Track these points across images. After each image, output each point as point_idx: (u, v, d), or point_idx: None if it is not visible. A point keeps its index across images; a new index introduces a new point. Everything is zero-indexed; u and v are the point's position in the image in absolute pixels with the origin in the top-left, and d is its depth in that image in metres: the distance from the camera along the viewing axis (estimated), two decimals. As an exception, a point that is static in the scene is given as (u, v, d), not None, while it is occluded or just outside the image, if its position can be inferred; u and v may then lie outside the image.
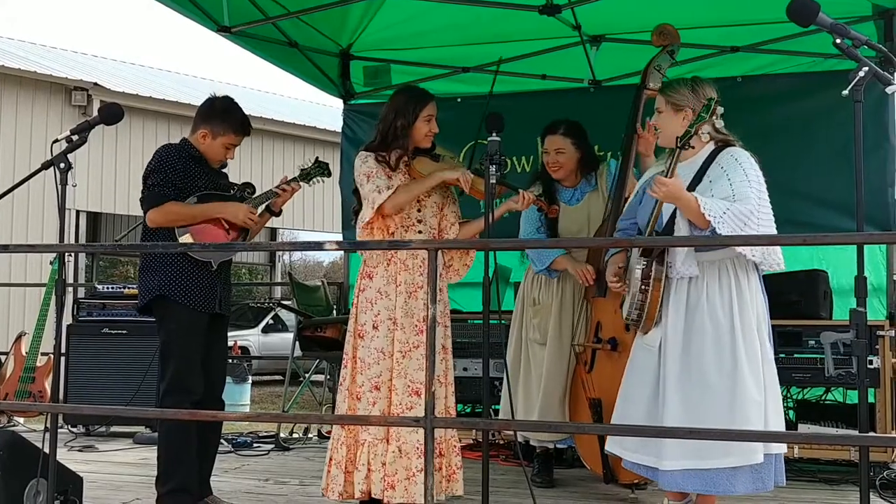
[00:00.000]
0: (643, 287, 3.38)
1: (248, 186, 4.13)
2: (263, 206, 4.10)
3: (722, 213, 3.20)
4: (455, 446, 3.93)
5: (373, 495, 3.74)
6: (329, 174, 4.20)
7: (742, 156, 3.41)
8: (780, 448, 3.41)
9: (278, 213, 4.16)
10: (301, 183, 4.11)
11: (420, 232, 3.93)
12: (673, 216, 3.36)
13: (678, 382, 3.35)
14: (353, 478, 3.77)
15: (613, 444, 3.61)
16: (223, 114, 4.01)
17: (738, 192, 3.29)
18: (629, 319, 3.50)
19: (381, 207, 3.80)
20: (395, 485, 3.70)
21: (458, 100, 6.31)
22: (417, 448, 3.71)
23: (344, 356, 3.91)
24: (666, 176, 3.25)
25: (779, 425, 3.41)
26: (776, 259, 3.41)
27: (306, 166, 4.18)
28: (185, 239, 3.85)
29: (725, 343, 3.32)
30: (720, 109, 3.28)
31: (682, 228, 3.32)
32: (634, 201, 3.70)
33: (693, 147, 3.34)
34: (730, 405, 3.27)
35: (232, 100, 4.08)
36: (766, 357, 3.38)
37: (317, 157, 4.24)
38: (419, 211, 3.94)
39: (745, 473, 3.29)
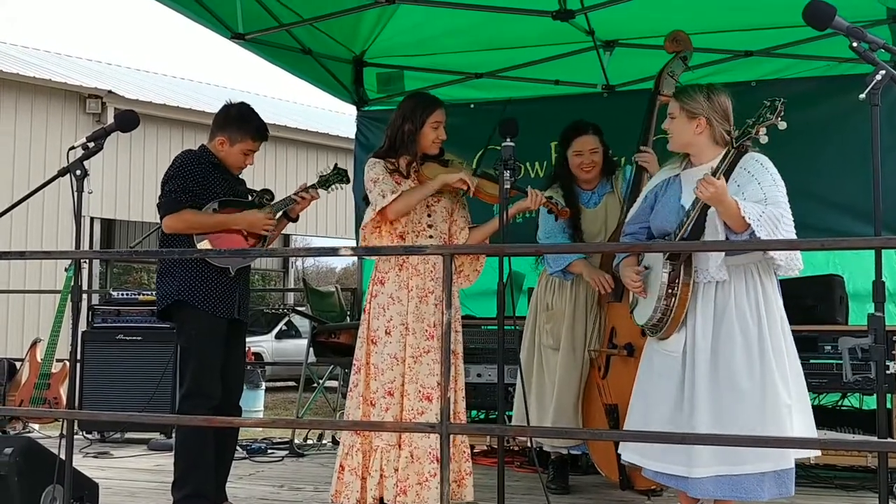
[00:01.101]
0: (669, 291, 3.34)
1: (267, 193, 4.13)
2: (281, 212, 4.10)
3: (759, 216, 3.19)
4: (465, 452, 3.91)
5: (385, 501, 3.73)
6: (348, 181, 4.20)
7: (767, 161, 3.40)
8: (809, 453, 3.39)
9: (295, 219, 4.16)
10: (320, 190, 4.12)
11: (430, 237, 3.92)
12: (698, 221, 3.32)
13: (708, 388, 3.31)
14: (367, 483, 3.76)
15: (632, 454, 3.55)
16: (240, 120, 4.02)
17: (770, 196, 3.29)
18: (649, 324, 3.45)
19: (384, 211, 3.81)
20: (406, 490, 3.69)
21: (471, 105, 6.32)
22: (429, 453, 3.70)
23: (355, 362, 3.90)
24: (714, 177, 3.21)
25: (807, 426, 3.37)
26: (797, 263, 3.40)
27: (325, 173, 4.18)
28: (203, 245, 3.86)
29: (754, 347, 3.30)
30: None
31: (719, 232, 3.29)
32: (644, 206, 3.66)
33: (747, 147, 3.29)
34: (762, 410, 3.25)
35: (248, 106, 4.09)
36: (790, 357, 3.37)
37: (335, 164, 4.25)
38: (429, 216, 3.93)
39: (770, 479, 3.26)
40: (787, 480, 3.30)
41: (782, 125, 3.14)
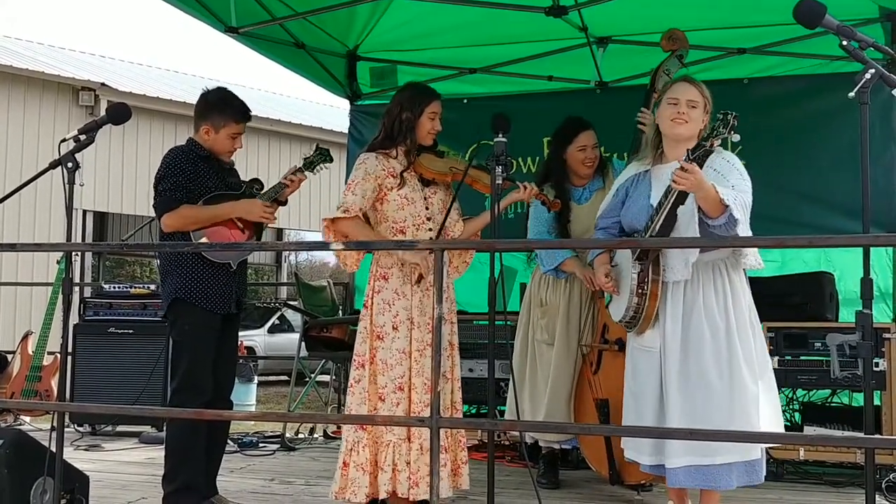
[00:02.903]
0: (640, 291, 3.44)
1: (256, 183, 4.13)
2: (273, 199, 4.09)
3: (734, 199, 3.27)
4: (461, 441, 3.94)
5: (399, 494, 3.74)
6: (331, 159, 4.20)
7: (733, 158, 3.51)
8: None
9: (284, 203, 4.16)
10: (306, 172, 4.12)
11: (430, 229, 3.94)
12: (668, 218, 3.36)
13: (679, 384, 3.43)
14: (378, 479, 3.75)
15: (630, 451, 3.69)
16: (220, 105, 4.00)
17: (738, 187, 3.38)
18: (623, 321, 3.57)
19: (332, 222, 3.85)
20: (419, 482, 3.71)
21: (465, 101, 6.32)
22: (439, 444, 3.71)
23: (356, 357, 3.88)
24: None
25: (774, 416, 3.48)
26: (760, 260, 3.55)
27: (308, 156, 4.19)
28: (201, 241, 3.85)
29: (722, 342, 3.42)
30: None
31: (693, 231, 3.33)
32: (616, 201, 3.73)
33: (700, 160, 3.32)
34: (730, 403, 3.37)
35: (225, 89, 4.07)
36: (758, 349, 3.48)
37: (317, 144, 4.25)
38: (427, 209, 3.95)
39: (740, 467, 3.40)
40: (757, 468, 3.43)
41: (735, 138, 3.21)
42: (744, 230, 3.31)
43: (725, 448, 3.36)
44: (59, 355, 6.03)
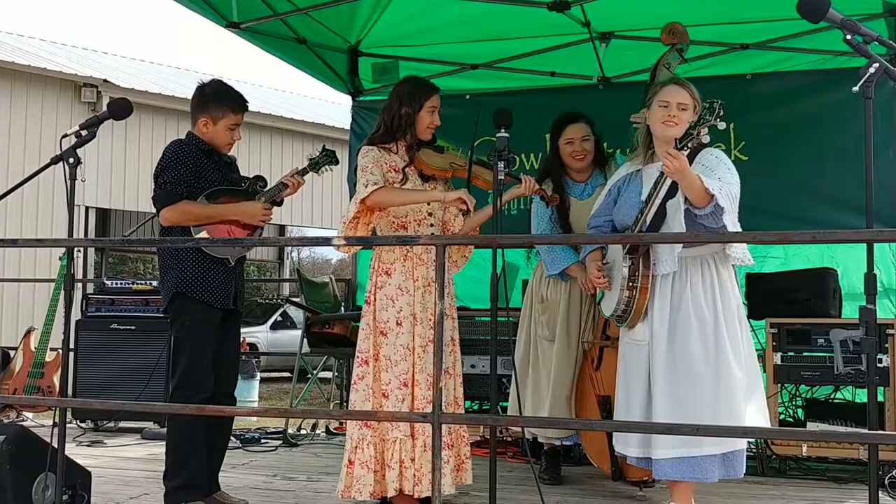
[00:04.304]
0: (630, 284, 3.51)
1: (260, 179, 4.11)
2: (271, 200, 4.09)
3: (719, 189, 3.33)
4: (464, 437, 3.94)
5: (405, 492, 3.74)
6: (337, 162, 4.19)
7: (722, 155, 3.58)
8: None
9: (280, 203, 4.15)
10: (311, 173, 4.11)
11: (431, 225, 3.94)
12: (659, 212, 3.39)
13: (666, 376, 3.49)
14: (386, 476, 3.75)
15: (618, 444, 3.74)
16: (217, 97, 3.99)
17: (725, 180, 3.43)
18: (614, 315, 3.62)
19: (363, 201, 3.77)
20: (422, 479, 3.71)
21: (467, 96, 6.31)
22: (443, 441, 3.71)
23: (359, 354, 3.87)
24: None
25: (760, 408, 3.53)
26: (749, 256, 3.60)
27: (314, 156, 4.18)
28: (201, 236, 3.84)
29: (709, 332, 3.47)
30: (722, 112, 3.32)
31: (679, 223, 3.36)
32: (608, 200, 3.80)
33: (690, 149, 3.35)
34: (715, 388, 3.43)
35: (220, 81, 4.07)
36: (746, 342, 3.54)
37: (324, 146, 4.24)
38: (428, 204, 3.94)
39: (717, 460, 3.45)
40: (735, 462, 3.49)
41: (721, 125, 3.29)
42: (731, 220, 3.34)
43: (712, 439, 3.39)
44: (61, 351, 6.04)
